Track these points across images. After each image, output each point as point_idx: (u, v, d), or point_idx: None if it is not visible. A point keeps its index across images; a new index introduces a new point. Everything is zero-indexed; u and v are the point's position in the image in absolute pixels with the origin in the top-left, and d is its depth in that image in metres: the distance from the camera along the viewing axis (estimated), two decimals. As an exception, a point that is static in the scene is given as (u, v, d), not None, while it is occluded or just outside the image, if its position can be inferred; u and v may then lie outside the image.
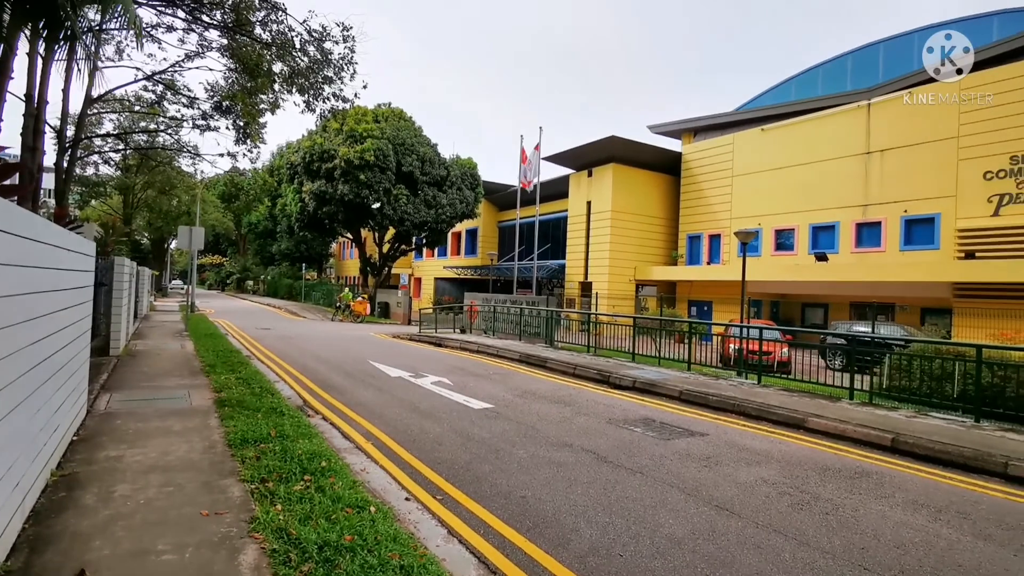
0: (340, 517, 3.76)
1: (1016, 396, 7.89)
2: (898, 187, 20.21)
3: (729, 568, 3.56)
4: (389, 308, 31.22)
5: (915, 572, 3.59)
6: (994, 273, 17.02)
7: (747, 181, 25.23)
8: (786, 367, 12.38)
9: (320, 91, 10.41)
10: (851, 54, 25.61)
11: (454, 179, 30.65)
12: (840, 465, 5.95)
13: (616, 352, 14.39)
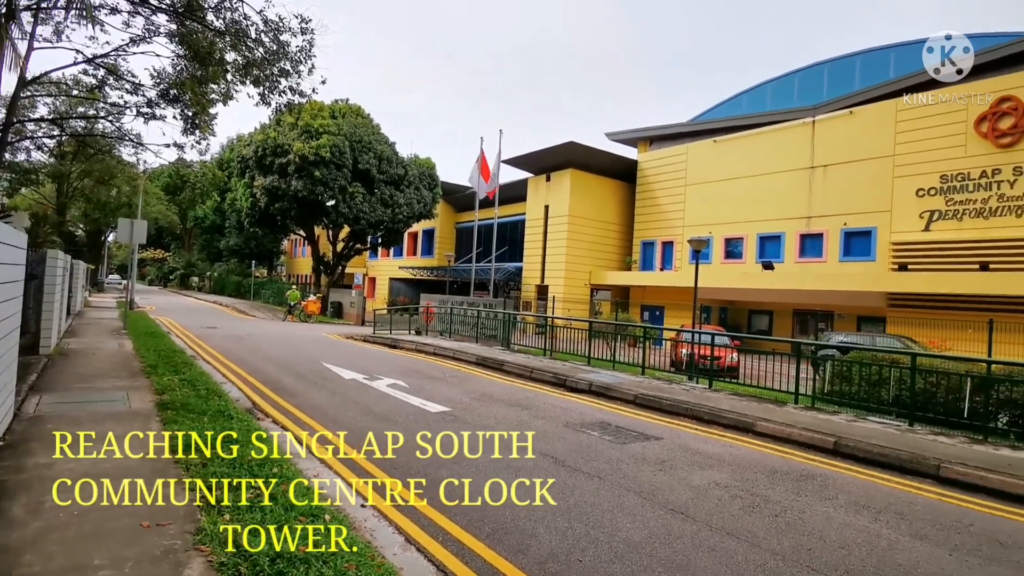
0: (293, 527, 3.62)
1: (945, 401, 8.39)
2: (839, 201, 21.24)
3: (685, 571, 3.62)
4: (342, 308, 30.55)
5: (859, 572, 3.74)
6: (924, 284, 18.10)
7: (699, 190, 25.99)
8: (735, 372, 12.77)
9: (276, 84, 10.08)
10: (798, 72, 26.79)
11: (412, 179, 30.32)
12: (787, 468, 6.17)
13: (572, 355, 14.51)
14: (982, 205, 17.79)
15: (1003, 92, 17.45)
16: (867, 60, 24.49)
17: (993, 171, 17.58)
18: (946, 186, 18.55)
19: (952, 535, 4.49)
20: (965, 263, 17.81)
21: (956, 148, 18.41)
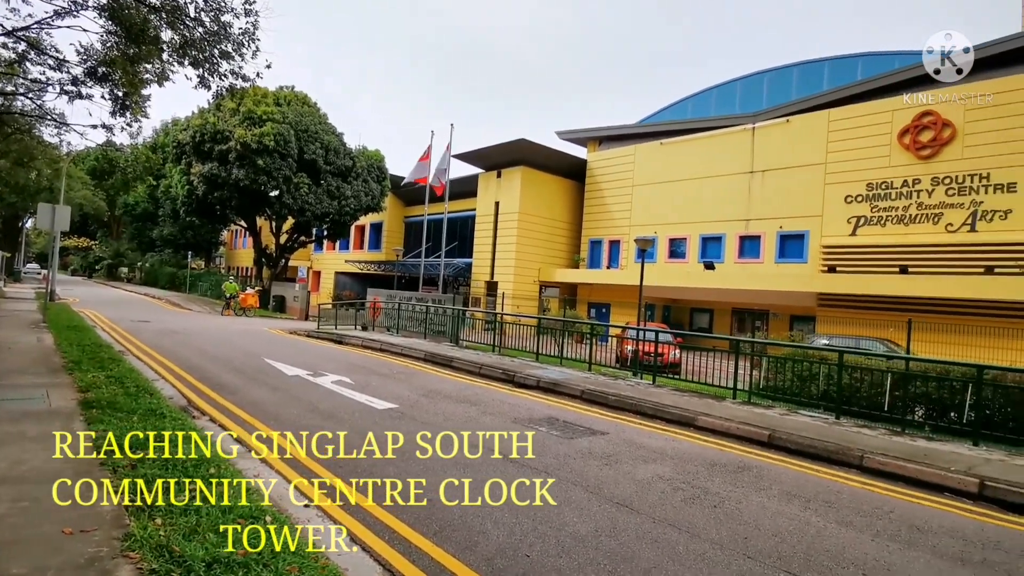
0: (232, 529, 3.48)
1: (868, 395, 8.95)
2: (775, 205, 22.24)
3: (630, 563, 3.72)
4: (285, 302, 29.58)
5: (790, 558, 3.95)
6: (851, 285, 19.22)
7: (646, 191, 26.63)
8: (677, 368, 13.18)
9: (217, 66, 9.59)
10: (740, 80, 27.85)
11: (360, 170, 29.67)
12: (725, 460, 6.43)
13: (521, 352, 14.60)
14: (903, 212, 19.03)
15: (924, 107, 18.69)
16: (803, 71, 25.74)
17: (913, 181, 18.83)
18: (871, 193, 19.73)
19: (874, 521, 4.80)
20: (887, 266, 19.02)
21: (881, 158, 19.61)
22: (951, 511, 5.26)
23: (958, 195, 17.90)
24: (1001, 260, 16.78)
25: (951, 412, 8.26)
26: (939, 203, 18.28)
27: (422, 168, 24.66)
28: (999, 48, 17.74)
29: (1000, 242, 16.94)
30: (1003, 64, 17.68)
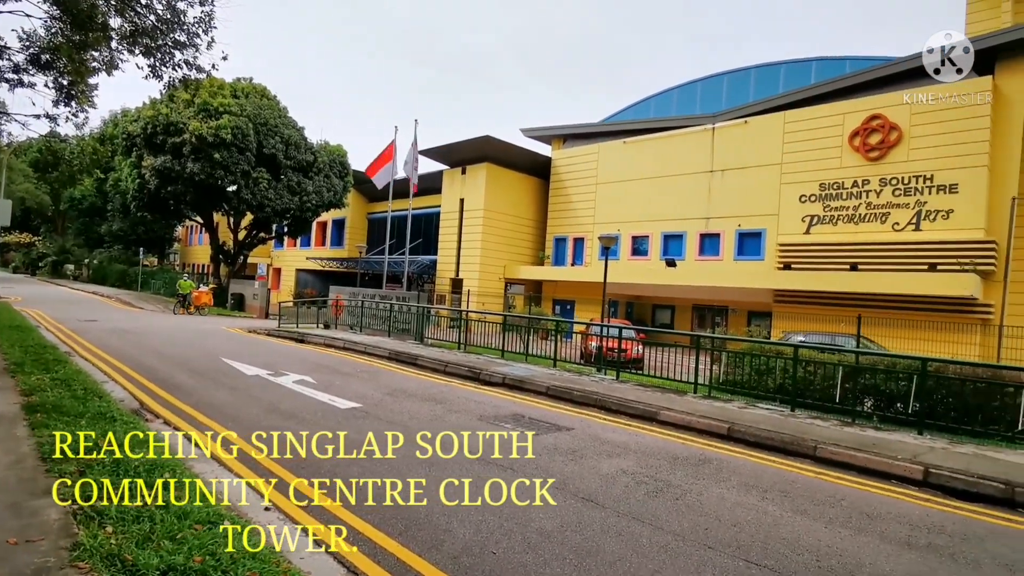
0: (188, 535, 3.38)
1: (821, 388, 9.29)
2: (734, 204, 22.83)
3: (595, 557, 3.77)
4: (244, 300, 28.78)
5: (749, 547, 4.07)
6: (805, 282, 19.91)
7: (610, 189, 26.95)
8: (640, 363, 13.40)
9: (170, 56, 9.21)
10: (701, 81, 28.45)
11: (322, 165, 29.07)
12: (687, 454, 6.58)
13: (486, 349, 14.59)
14: (853, 212, 19.80)
15: (873, 110, 19.48)
16: (760, 74, 26.48)
17: (863, 181, 19.60)
18: (824, 193, 20.46)
19: (827, 509, 4.99)
20: (839, 263, 19.76)
21: (833, 159, 20.34)
22: (898, 498, 5.52)
23: (904, 195, 18.72)
24: (943, 257, 17.64)
25: (897, 403, 8.66)
26: (887, 203, 19.08)
27: (391, 169, 24.27)
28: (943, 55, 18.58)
29: (942, 240, 17.81)
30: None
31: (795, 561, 3.89)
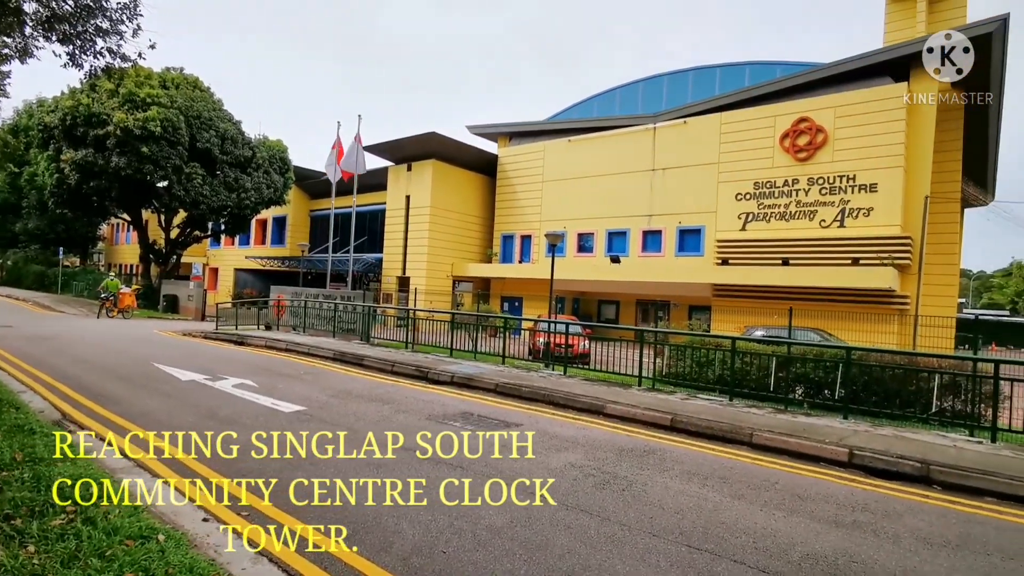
0: (118, 552, 3.20)
1: (757, 378, 9.74)
2: (675, 201, 23.57)
3: (544, 550, 3.82)
4: (178, 302, 27.41)
5: (691, 533, 4.23)
6: (741, 277, 20.80)
7: (556, 187, 27.26)
8: (586, 358, 13.65)
9: (91, 44, 8.64)
10: (642, 81, 29.15)
11: (261, 161, 28.01)
12: (632, 445, 6.76)
13: (434, 348, 14.49)
14: (784, 209, 20.82)
15: (801, 113, 20.53)
16: (698, 76, 27.40)
17: (793, 180, 20.64)
18: (758, 192, 21.41)
19: (763, 493, 5.25)
20: (772, 259, 20.75)
21: (765, 160, 21.32)
22: (826, 479, 5.86)
23: (830, 194, 19.84)
24: (865, 252, 18.82)
25: (825, 390, 9.19)
26: (814, 201, 20.16)
27: (345, 163, 23.61)
28: (863, 62, 19.81)
29: (864, 236, 19.00)
30: (867, 76, 19.77)
31: (733, 544, 4.07)
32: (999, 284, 64.35)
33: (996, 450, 6.83)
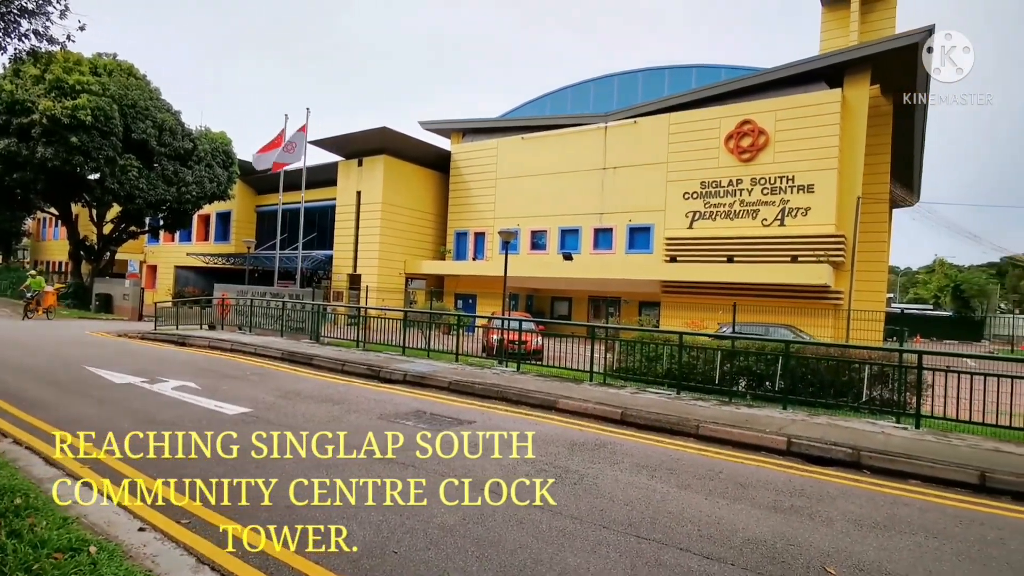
0: (46, 566, 3.03)
1: (703, 371, 10.07)
2: (625, 200, 24.05)
3: (497, 546, 3.84)
4: (112, 301, 26.02)
5: (639, 523, 4.34)
6: (688, 273, 21.44)
7: (509, 184, 27.33)
8: (539, 354, 13.77)
9: (15, 25, 8.07)
10: (592, 81, 29.60)
11: (203, 154, 26.89)
12: (584, 439, 6.87)
13: (387, 346, 14.30)
14: (729, 208, 21.58)
15: (745, 116, 21.30)
16: (647, 77, 28.04)
17: (737, 180, 21.41)
18: (704, 191, 22.11)
19: (707, 483, 5.44)
20: (717, 256, 21.48)
21: (711, 160, 22.03)
22: (767, 467, 6.13)
23: (771, 194, 20.69)
24: (803, 250, 19.73)
25: (767, 382, 9.60)
26: (757, 201, 20.98)
27: (279, 154, 22.92)
28: (801, 68, 20.72)
29: (802, 235, 19.91)
30: (805, 82, 20.69)
31: (680, 532, 4.21)
32: (923, 280, 68.73)
33: (920, 436, 7.30)
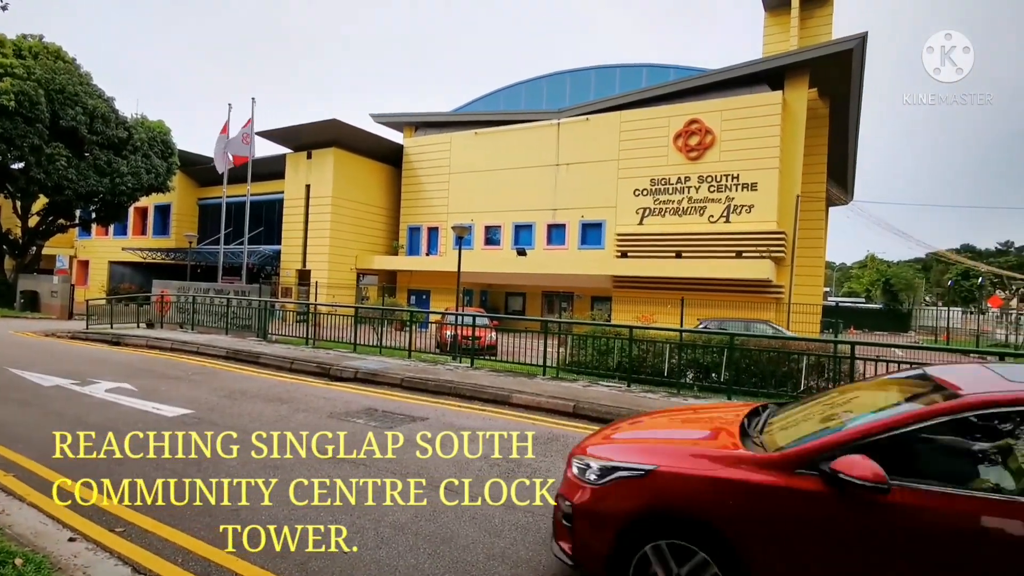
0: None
1: (653, 364, 10.33)
2: (578, 196, 24.33)
3: (449, 543, 3.83)
4: (39, 299, 24.44)
5: (590, 514, 4.42)
6: (639, 269, 21.91)
7: (462, 179, 27.18)
8: (494, 350, 13.79)
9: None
10: (546, 78, 29.78)
11: (139, 143, 25.55)
12: (537, 433, 6.93)
13: (337, 343, 14.01)
14: (677, 205, 22.15)
15: (692, 115, 21.89)
16: (600, 74, 28.42)
17: (685, 178, 22.00)
18: (654, 188, 22.61)
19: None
20: (666, 252, 22.02)
21: (661, 157, 22.54)
22: (712, 455, 6.34)
23: (717, 192, 21.35)
24: (747, 246, 20.47)
25: (713, 373, 9.93)
26: (704, 198, 21.61)
27: (237, 146, 22.00)
28: (746, 70, 21.44)
29: (747, 231, 20.65)
30: (749, 83, 21.42)
31: (629, 522, 4.31)
32: (857, 275, 72.60)
33: (852, 421, 7.71)
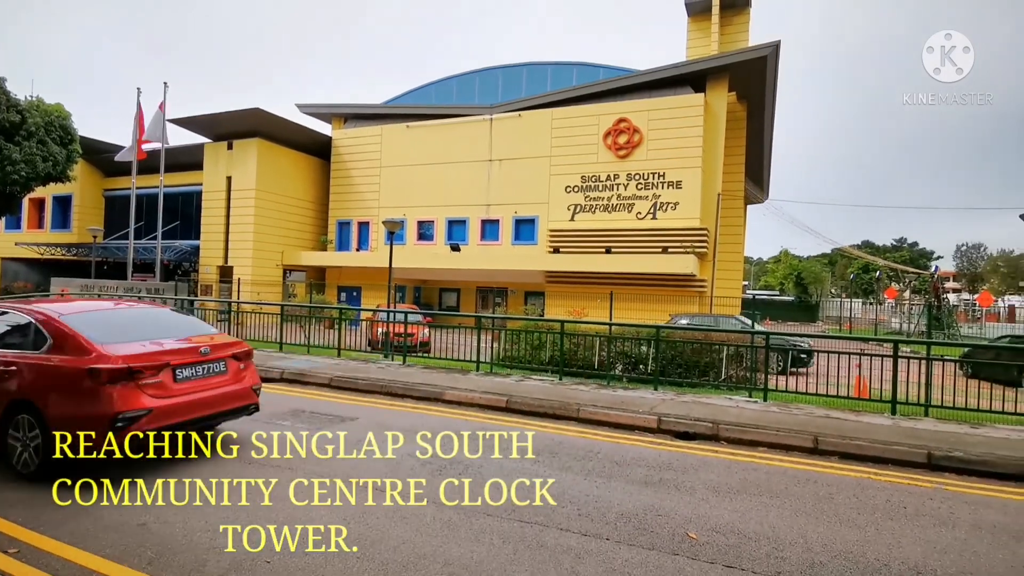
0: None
1: (584, 357, 10.55)
2: (511, 191, 24.46)
3: (378, 545, 3.76)
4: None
5: (522, 508, 4.46)
6: (570, 264, 22.33)
7: (394, 173, 26.68)
8: (427, 347, 13.65)
9: None
10: (479, 72, 29.66)
11: (34, 128, 23.25)
12: (469, 429, 6.92)
13: (263, 342, 13.41)
14: (607, 202, 22.73)
15: (621, 114, 22.49)
16: (531, 71, 28.63)
17: (614, 175, 22.60)
18: (585, 185, 23.09)
19: (587, 463, 5.72)
20: (597, 247, 22.57)
21: (591, 155, 23.04)
22: (640, 445, 6.56)
23: (645, 189, 22.08)
24: (672, 242, 21.31)
25: (640, 365, 10.27)
26: (632, 195, 22.29)
27: (147, 134, 20.49)
28: (671, 72, 22.25)
29: (672, 227, 21.48)
30: (674, 85, 22.24)
31: (560, 513, 4.38)
32: (772, 269, 77.22)
33: (767, 408, 8.20)
